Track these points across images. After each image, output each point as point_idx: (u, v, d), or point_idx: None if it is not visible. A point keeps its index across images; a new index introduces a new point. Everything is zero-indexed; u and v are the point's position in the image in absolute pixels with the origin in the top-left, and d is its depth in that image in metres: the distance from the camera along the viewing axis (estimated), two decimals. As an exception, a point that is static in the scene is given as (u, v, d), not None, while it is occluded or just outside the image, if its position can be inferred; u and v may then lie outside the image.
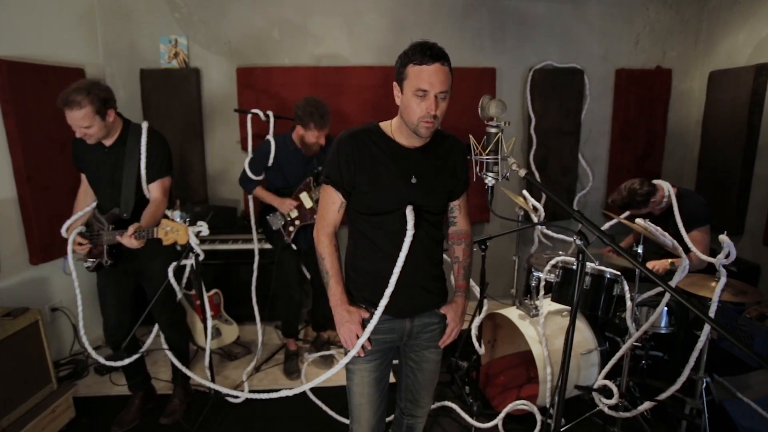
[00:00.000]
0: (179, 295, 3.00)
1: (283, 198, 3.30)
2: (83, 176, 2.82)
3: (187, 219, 2.55)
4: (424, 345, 1.98)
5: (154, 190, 2.68)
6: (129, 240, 2.45)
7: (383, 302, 1.80)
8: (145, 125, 2.68)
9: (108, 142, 2.65)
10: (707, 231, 3.04)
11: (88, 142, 2.59)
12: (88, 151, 2.68)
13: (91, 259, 2.76)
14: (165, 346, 3.03)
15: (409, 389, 2.08)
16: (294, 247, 3.34)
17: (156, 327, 3.08)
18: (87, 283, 3.87)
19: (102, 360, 2.82)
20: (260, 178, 3.37)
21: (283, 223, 3.34)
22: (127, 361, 2.87)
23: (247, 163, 3.34)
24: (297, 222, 3.31)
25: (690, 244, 2.74)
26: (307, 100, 3.12)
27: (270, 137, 3.34)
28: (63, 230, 2.74)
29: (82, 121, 2.44)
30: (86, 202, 2.82)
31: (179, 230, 2.47)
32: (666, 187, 3.17)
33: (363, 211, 1.83)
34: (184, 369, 2.96)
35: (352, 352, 1.87)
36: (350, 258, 1.95)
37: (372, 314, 1.86)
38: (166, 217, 2.51)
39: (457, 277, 2.05)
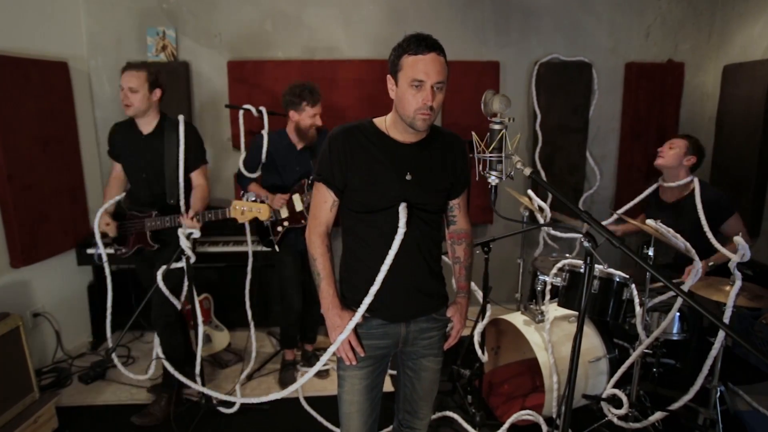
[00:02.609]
0: (178, 305, 3.01)
1: (274, 194, 3.30)
2: (116, 166, 3.09)
3: (263, 199, 3.08)
4: (422, 353, 1.97)
5: (196, 177, 3.02)
6: (191, 222, 2.79)
7: (367, 300, 1.81)
8: (182, 118, 2.98)
9: (145, 130, 2.96)
10: (738, 217, 3.08)
11: (126, 112, 2.88)
12: (126, 137, 2.99)
13: (119, 248, 3.05)
14: (158, 349, 3.03)
15: (407, 400, 2.08)
16: (277, 248, 3.33)
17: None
18: (69, 287, 3.88)
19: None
20: (255, 175, 3.37)
21: (273, 220, 3.33)
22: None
23: (241, 162, 3.37)
24: (285, 223, 3.30)
25: (713, 240, 2.77)
26: (293, 84, 3.20)
27: (263, 131, 3.34)
28: (96, 222, 2.98)
29: (132, 81, 2.80)
30: (116, 191, 3.09)
31: (260, 209, 2.79)
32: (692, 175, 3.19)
33: (356, 209, 1.84)
34: (177, 374, 2.94)
35: (333, 347, 1.87)
36: (343, 259, 1.95)
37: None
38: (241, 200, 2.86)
39: (459, 278, 2.06)
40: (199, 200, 2.93)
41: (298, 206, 3.30)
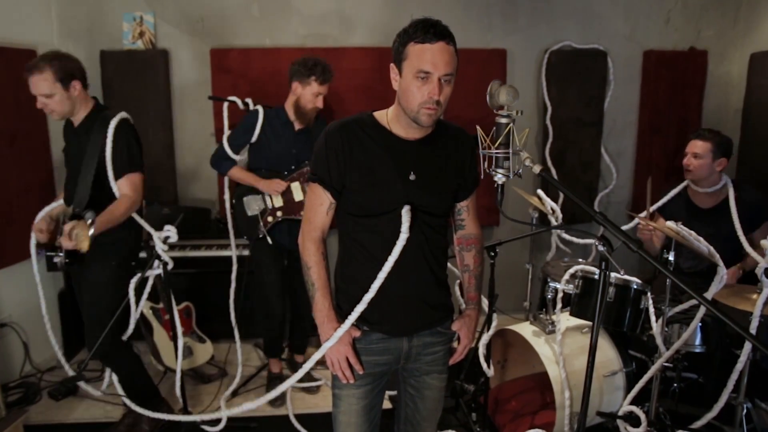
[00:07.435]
0: (129, 330, 2.97)
1: (270, 179, 3.24)
2: None
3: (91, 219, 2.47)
4: (426, 369, 1.96)
5: (122, 186, 2.71)
6: (64, 239, 2.44)
7: (359, 307, 1.79)
8: (120, 115, 2.74)
9: (76, 121, 2.77)
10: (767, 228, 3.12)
11: (52, 118, 2.69)
12: (66, 127, 2.83)
13: (60, 254, 2.75)
14: (110, 376, 3.02)
15: (408, 420, 2.06)
16: (269, 240, 3.26)
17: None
18: (39, 294, 3.85)
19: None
20: (238, 157, 3.31)
21: (262, 208, 3.28)
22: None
23: (225, 138, 3.29)
24: (279, 213, 3.26)
25: (748, 247, 2.76)
26: (307, 56, 3.16)
27: (258, 106, 3.28)
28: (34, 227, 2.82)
29: (41, 86, 2.54)
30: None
31: (79, 234, 2.37)
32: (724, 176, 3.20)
33: (354, 212, 1.82)
34: (133, 406, 2.92)
35: (318, 354, 1.85)
36: (340, 267, 1.93)
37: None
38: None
39: (468, 288, 2.05)
40: (105, 212, 2.57)
41: (298, 196, 3.25)
